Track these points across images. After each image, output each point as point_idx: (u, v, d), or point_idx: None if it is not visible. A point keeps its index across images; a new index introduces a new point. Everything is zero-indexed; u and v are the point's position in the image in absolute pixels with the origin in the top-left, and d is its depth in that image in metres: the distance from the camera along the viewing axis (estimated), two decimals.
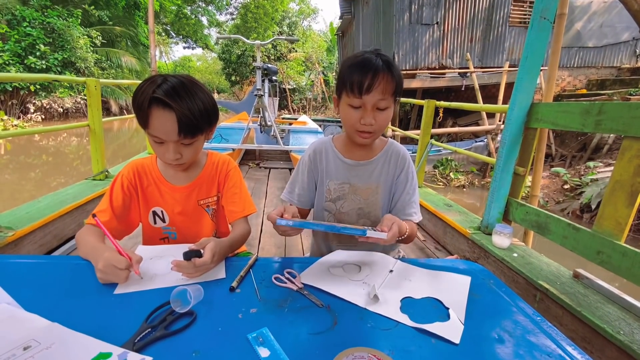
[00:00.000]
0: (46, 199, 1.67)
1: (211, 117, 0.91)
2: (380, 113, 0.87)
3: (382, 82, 0.83)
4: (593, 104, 1.18)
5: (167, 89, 0.82)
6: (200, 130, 0.89)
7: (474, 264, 0.91)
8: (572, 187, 5.09)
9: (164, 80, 0.83)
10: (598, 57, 8.88)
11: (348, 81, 0.85)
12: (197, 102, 0.85)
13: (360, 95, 0.84)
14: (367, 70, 0.83)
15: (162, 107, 0.82)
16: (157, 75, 0.86)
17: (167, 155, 0.88)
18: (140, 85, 0.84)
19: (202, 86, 0.90)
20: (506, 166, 1.52)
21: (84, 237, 0.87)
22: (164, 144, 0.87)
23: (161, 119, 0.83)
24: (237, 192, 1.03)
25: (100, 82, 1.93)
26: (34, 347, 0.52)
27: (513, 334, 0.63)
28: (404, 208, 0.99)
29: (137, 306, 0.64)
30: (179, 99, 0.82)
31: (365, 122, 0.86)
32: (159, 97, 0.81)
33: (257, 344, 0.56)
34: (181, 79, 0.86)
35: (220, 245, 0.82)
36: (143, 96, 0.82)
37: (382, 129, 0.90)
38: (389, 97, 0.85)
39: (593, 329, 0.99)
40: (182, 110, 0.82)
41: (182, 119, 0.83)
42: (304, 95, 18.75)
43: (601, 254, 1.12)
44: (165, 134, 0.85)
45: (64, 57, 11.74)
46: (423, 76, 8.40)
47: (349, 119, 0.89)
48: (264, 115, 3.39)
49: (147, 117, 0.83)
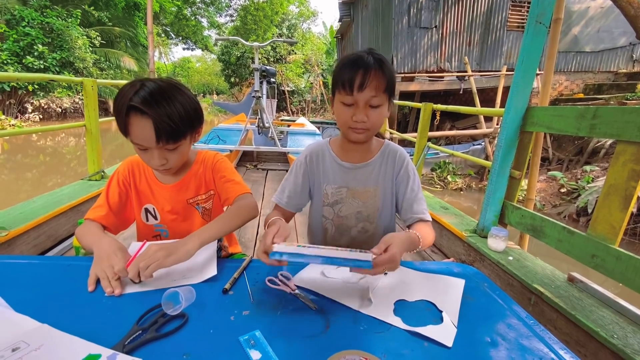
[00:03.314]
0: (41, 199, 1.66)
1: (193, 120, 0.90)
2: (372, 110, 0.86)
3: (374, 79, 0.82)
4: (588, 108, 1.19)
5: (144, 96, 0.80)
6: (182, 134, 0.88)
7: (469, 267, 0.91)
8: (568, 190, 5.11)
9: (141, 86, 0.82)
10: (595, 61, 8.94)
11: (340, 79, 0.85)
12: (177, 106, 0.84)
13: (352, 92, 0.83)
14: (359, 68, 0.83)
15: (140, 115, 0.81)
16: (137, 80, 0.85)
17: (152, 161, 0.88)
18: (120, 90, 0.83)
19: (183, 90, 0.88)
20: (502, 169, 1.52)
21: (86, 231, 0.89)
22: (148, 150, 0.86)
23: (139, 127, 0.82)
24: (227, 181, 1.02)
25: (97, 82, 1.93)
26: (23, 348, 0.51)
27: (506, 338, 0.63)
28: (412, 207, 0.96)
29: (128, 308, 0.64)
30: (156, 105, 0.81)
31: (357, 119, 0.86)
32: (135, 105, 0.79)
33: (249, 346, 0.56)
34: (160, 83, 0.85)
35: (169, 241, 0.79)
36: (121, 102, 0.81)
37: (376, 127, 0.90)
38: (380, 95, 0.85)
39: (587, 332, 0.99)
40: (159, 117, 0.81)
41: (159, 126, 0.82)
42: (303, 98, 18.77)
43: (595, 257, 1.13)
44: (145, 140, 0.84)
45: (63, 57, 11.73)
46: (421, 79, 8.44)
47: (341, 116, 0.89)
48: (262, 116, 3.39)
49: (125, 125, 0.82)
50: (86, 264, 0.75)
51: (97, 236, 0.85)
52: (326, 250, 0.67)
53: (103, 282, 0.71)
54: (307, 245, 0.71)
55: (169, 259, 0.73)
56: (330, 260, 0.65)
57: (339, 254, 0.66)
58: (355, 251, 0.68)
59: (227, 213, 0.92)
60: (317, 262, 0.66)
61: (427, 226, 0.92)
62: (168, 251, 0.74)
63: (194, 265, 0.80)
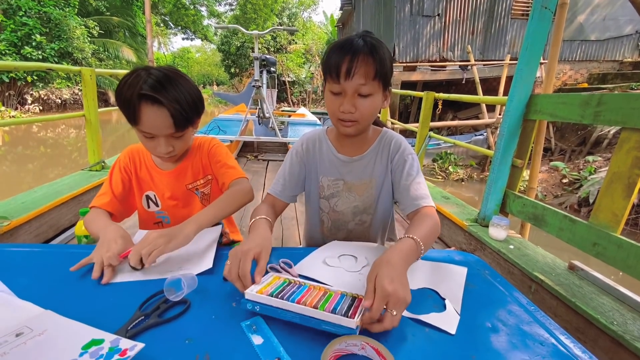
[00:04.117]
0: (42, 189, 1.67)
1: (199, 107, 0.91)
2: (362, 100, 0.79)
3: (362, 65, 0.75)
4: (592, 95, 1.17)
5: (154, 84, 0.80)
6: (190, 121, 0.89)
7: (470, 255, 0.91)
8: (570, 181, 5.10)
9: (148, 74, 0.81)
10: (600, 50, 8.80)
11: (327, 65, 0.79)
12: (185, 93, 0.85)
13: (339, 80, 0.77)
14: (346, 53, 0.76)
15: (152, 103, 0.81)
16: (139, 68, 0.84)
17: (159, 149, 0.88)
18: (123, 80, 0.82)
19: (185, 76, 0.89)
20: (504, 158, 1.51)
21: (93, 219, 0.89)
22: (155, 138, 0.87)
23: (152, 115, 0.82)
24: (223, 165, 1.02)
25: (96, 71, 1.91)
26: (26, 333, 0.52)
27: (507, 324, 0.63)
28: (409, 193, 0.87)
29: (131, 295, 0.64)
30: (167, 92, 0.81)
31: (344, 109, 0.79)
32: (148, 93, 0.79)
33: (251, 331, 0.56)
34: (165, 71, 0.85)
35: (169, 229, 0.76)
36: (129, 92, 0.80)
37: (367, 118, 0.83)
38: (370, 82, 0.77)
39: (587, 319, 1.00)
40: (172, 104, 0.81)
41: (174, 114, 0.82)
42: (304, 88, 18.62)
43: (597, 245, 1.12)
44: (158, 129, 0.84)
45: (61, 47, 11.62)
46: (423, 69, 8.34)
47: (330, 107, 0.83)
48: (262, 106, 3.36)
49: (136, 114, 0.81)
50: (88, 252, 0.75)
51: (103, 223, 0.86)
52: (306, 309, 0.56)
53: (95, 267, 0.70)
54: (286, 291, 0.62)
55: (170, 244, 0.72)
56: (307, 320, 0.56)
57: (319, 314, 0.55)
58: (339, 314, 0.56)
59: (222, 197, 0.91)
60: (294, 320, 0.56)
61: (428, 217, 0.80)
62: (168, 237, 0.73)
63: (192, 256, 0.79)
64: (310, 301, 0.58)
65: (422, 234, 0.72)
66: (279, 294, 0.60)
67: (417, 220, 0.81)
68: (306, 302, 0.58)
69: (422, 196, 0.86)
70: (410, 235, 0.71)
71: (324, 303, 0.59)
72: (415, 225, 0.78)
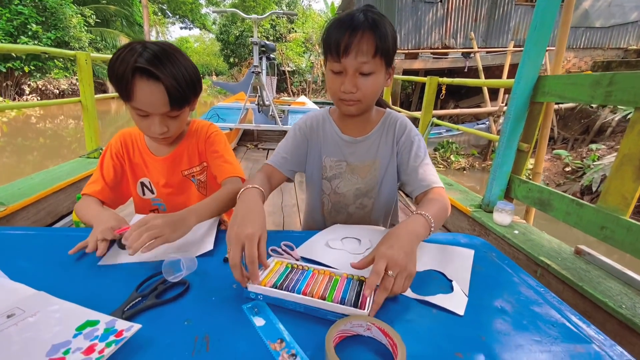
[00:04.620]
0: (39, 176, 1.64)
1: (196, 85, 0.86)
2: (364, 79, 0.76)
3: (363, 42, 0.72)
4: (604, 74, 1.13)
5: (150, 58, 0.75)
6: (187, 101, 0.84)
7: (476, 238, 0.89)
8: (573, 169, 5.06)
9: (144, 47, 0.77)
10: (605, 37, 8.65)
11: (327, 43, 0.76)
12: (182, 70, 0.80)
13: (339, 58, 0.73)
14: (346, 29, 0.72)
15: (147, 78, 0.76)
16: (134, 42, 0.79)
17: (152, 128, 0.83)
18: (117, 53, 0.77)
19: (183, 53, 0.84)
20: (510, 142, 1.48)
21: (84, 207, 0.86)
22: (149, 117, 0.82)
23: (147, 91, 0.77)
24: (220, 157, 0.97)
25: (91, 56, 1.86)
26: (18, 315, 0.50)
27: (516, 305, 0.61)
28: (417, 175, 0.84)
29: (127, 277, 0.62)
30: (164, 67, 0.76)
31: (345, 89, 0.76)
32: (143, 66, 0.74)
33: (252, 313, 0.54)
34: (162, 45, 0.80)
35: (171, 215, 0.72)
36: (123, 66, 0.75)
37: (370, 98, 0.80)
38: (372, 60, 0.73)
39: (594, 303, 0.98)
40: (169, 80, 0.77)
41: (171, 90, 0.77)
42: (304, 78, 18.43)
43: (605, 229, 1.10)
44: (152, 106, 0.79)
45: (57, 36, 11.46)
46: (425, 57, 8.22)
47: (331, 86, 0.80)
48: (261, 94, 3.30)
49: (130, 89, 0.77)
50: (84, 235, 0.73)
51: (96, 210, 0.83)
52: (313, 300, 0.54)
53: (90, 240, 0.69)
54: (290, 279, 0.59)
55: (174, 235, 0.68)
56: (314, 310, 0.54)
57: (327, 306, 0.53)
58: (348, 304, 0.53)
59: (221, 196, 0.88)
60: (299, 309, 0.55)
61: (438, 198, 0.78)
62: (173, 227, 0.69)
63: (192, 238, 0.77)
64: (317, 290, 0.56)
65: (432, 212, 0.70)
66: (283, 283, 0.58)
67: (427, 200, 0.78)
68: (313, 292, 0.56)
69: (432, 178, 0.83)
70: (420, 212, 0.69)
71: (331, 291, 0.57)
72: (424, 204, 0.75)
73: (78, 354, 0.43)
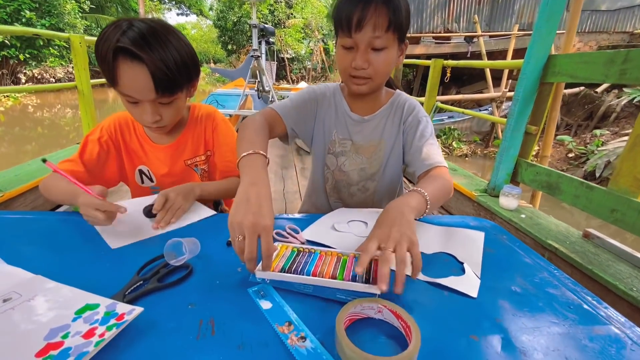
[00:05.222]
0: (36, 162, 1.61)
1: (190, 69, 0.78)
2: (376, 55, 0.73)
3: (375, 15, 0.68)
4: (618, 52, 1.08)
5: (135, 37, 0.67)
6: (179, 86, 0.77)
7: (485, 220, 0.86)
8: (576, 155, 5.02)
9: (129, 25, 0.69)
10: (611, 21, 8.45)
11: (337, 18, 0.72)
12: (172, 51, 0.72)
13: (350, 33, 0.70)
14: (357, 2, 0.69)
15: (131, 60, 0.68)
16: (123, 19, 0.71)
17: (144, 117, 0.77)
18: (103, 31, 0.70)
19: (177, 33, 0.76)
20: (517, 125, 1.44)
21: (52, 183, 0.79)
22: (139, 104, 0.75)
23: (130, 74, 0.70)
24: (228, 149, 0.94)
25: (86, 39, 1.81)
26: (15, 299, 0.48)
27: (531, 287, 0.59)
28: (421, 153, 0.81)
29: (128, 261, 0.60)
30: (150, 48, 0.68)
31: (356, 64, 0.73)
32: (125, 46, 0.67)
33: (259, 297, 0.52)
34: (151, 23, 0.72)
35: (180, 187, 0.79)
36: (106, 45, 0.68)
37: (381, 75, 0.77)
38: (385, 35, 0.70)
39: (604, 286, 0.97)
40: (155, 63, 0.69)
41: (157, 74, 0.70)
42: (303, 65, 18.15)
43: (615, 212, 1.08)
44: (138, 92, 0.72)
45: (52, 23, 11.22)
46: (427, 41, 8.07)
47: (341, 63, 0.77)
48: (261, 79, 3.24)
49: (113, 71, 0.70)
50: (82, 219, 0.70)
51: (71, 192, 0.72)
52: (325, 280, 0.53)
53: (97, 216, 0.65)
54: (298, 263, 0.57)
55: (187, 203, 0.77)
56: (321, 290, 0.53)
57: (339, 284, 0.52)
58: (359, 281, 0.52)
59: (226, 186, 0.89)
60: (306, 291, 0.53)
61: (439, 176, 0.74)
62: (184, 196, 0.77)
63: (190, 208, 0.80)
64: (326, 271, 0.55)
65: (429, 189, 0.66)
66: (292, 266, 0.56)
67: (427, 178, 0.76)
68: (322, 273, 0.54)
69: (435, 157, 0.80)
70: (415, 188, 0.65)
71: (341, 271, 0.55)
72: (423, 182, 0.73)
73: (77, 338, 0.41)
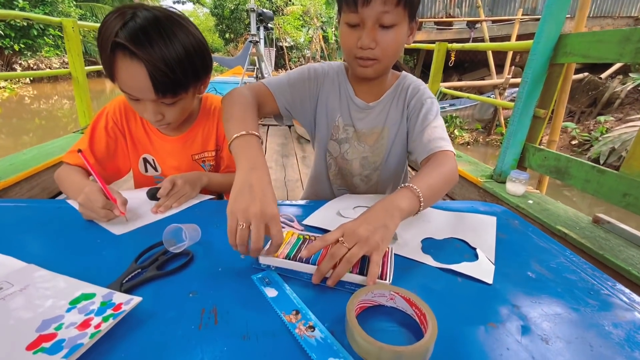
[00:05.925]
0: (31, 152, 1.58)
1: (198, 67, 0.71)
2: (384, 33, 0.66)
3: None
4: (634, 29, 1.04)
5: (134, 31, 0.61)
6: (182, 87, 0.69)
7: (495, 205, 0.83)
8: (580, 142, 4.97)
9: (133, 15, 0.63)
10: (615, 6, 8.27)
11: None
12: (176, 47, 0.64)
13: (356, 8, 0.63)
14: None
15: (129, 56, 0.62)
16: (126, 6, 0.64)
17: (146, 115, 0.72)
18: (105, 19, 0.64)
19: (185, 24, 0.68)
20: (526, 108, 1.39)
21: (66, 176, 0.77)
22: (141, 101, 0.69)
23: (127, 72, 0.64)
24: None
25: (79, 24, 1.75)
26: (6, 289, 0.45)
27: (548, 273, 0.56)
28: (423, 136, 0.74)
29: (125, 248, 0.57)
30: (150, 44, 0.62)
31: (362, 43, 0.66)
32: (122, 42, 0.61)
33: (263, 284, 0.50)
34: (156, 13, 0.65)
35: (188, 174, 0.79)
36: (106, 37, 0.62)
37: (390, 56, 0.70)
38: (394, 10, 0.63)
39: (616, 271, 0.94)
40: (154, 62, 0.62)
41: (156, 74, 0.63)
42: (302, 54, 17.90)
43: (628, 196, 1.05)
44: (137, 91, 0.67)
45: (46, 12, 11.01)
46: (429, 27, 7.92)
47: (346, 42, 0.70)
48: (260, 66, 3.16)
49: (111, 66, 0.64)
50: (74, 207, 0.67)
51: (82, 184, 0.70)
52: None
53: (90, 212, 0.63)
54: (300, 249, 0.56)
55: (194, 192, 0.77)
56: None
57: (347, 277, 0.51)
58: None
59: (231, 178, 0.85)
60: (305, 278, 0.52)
61: (441, 163, 0.68)
62: (192, 184, 0.77)
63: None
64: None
65: (427, 184, 0.60)
66: (297, 254, 0.54)
67: (427, 166, 0.67)
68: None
69: (438, 141, 0.73)
70: (408, 184, 0.59)
71: None
72: (422, 173, 0.64)
73: (72, 329, 0.38)
